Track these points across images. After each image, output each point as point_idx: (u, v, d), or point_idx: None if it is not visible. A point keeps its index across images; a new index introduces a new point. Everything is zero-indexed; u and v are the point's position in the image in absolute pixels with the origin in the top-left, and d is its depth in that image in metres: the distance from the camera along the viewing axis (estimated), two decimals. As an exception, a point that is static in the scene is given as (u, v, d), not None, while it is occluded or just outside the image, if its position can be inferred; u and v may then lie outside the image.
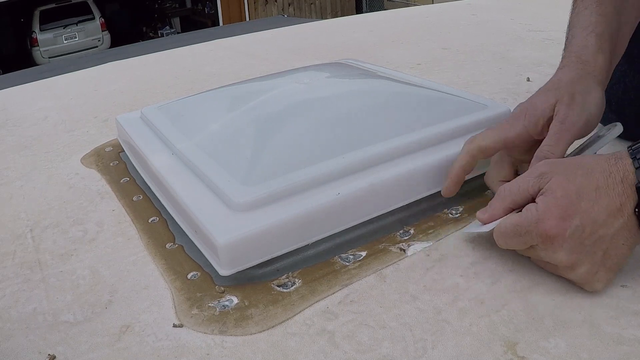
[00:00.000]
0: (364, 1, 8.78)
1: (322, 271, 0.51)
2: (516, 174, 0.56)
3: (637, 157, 0.43)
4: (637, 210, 0.42)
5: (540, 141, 0.52)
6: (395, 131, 0.60)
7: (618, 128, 0.54)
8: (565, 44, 0.58)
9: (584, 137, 0.54)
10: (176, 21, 9.76)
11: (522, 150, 0.55)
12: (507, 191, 0.49)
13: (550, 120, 0.52)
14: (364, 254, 0.53)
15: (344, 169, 0.55)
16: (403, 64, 1.13)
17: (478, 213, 0.51)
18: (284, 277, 0.50)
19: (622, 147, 0.45)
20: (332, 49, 1.32)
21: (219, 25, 7.83)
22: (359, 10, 8.72)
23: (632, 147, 0.44)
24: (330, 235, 0.54)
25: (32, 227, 0.63)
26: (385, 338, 0.43)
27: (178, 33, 8.27)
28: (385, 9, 2.10)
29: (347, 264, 0.52)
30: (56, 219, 0.64)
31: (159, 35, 9.07)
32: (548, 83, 0.56)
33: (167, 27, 9.50)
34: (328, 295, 0.48)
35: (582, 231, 0.43)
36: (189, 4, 9.89)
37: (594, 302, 0.44)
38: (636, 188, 0.42)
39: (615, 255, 0.44)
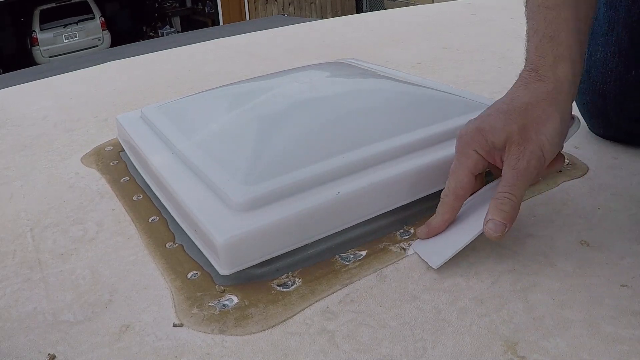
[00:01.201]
0: (364, 1, 8.77)
1: (322, 271, 0.51)
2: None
3: None
4: None
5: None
6: (395, 131, 0.60)
7: (576, 124, 0.52)
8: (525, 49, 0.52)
9: (541, 175, 0.52)
10: (176, 21, 9.75)
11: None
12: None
13: (503, 152, 0.49)
14: (364, 253, 0.53)
15: (344, 168, 0.55)
16: (403, 63, 1.13)
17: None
18: (284, 276, 0.50)
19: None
20: (332, 48, 1.32)
21: (219, 24, 7.82)
22: (359, 10, 8.71)
23: None
24: (330, 235, 0.54)
25: (32, 227, 0.63)
26: (385, 338, 0.43)
27: (178, 33, 8.27)
28: (385, 9, 2.10)
29: (347, 263, 0.52)
30: (56, 218, 0.64)
31: (159, 34, 9.07)
32: (503, 100, 0.51)
33: (167, 27, 9.49)
34: (328, 295, 0.48)
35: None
36: (189, 4, 9.88)
37: (594, 302, 0.44)
38: None
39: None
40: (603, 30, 0.65)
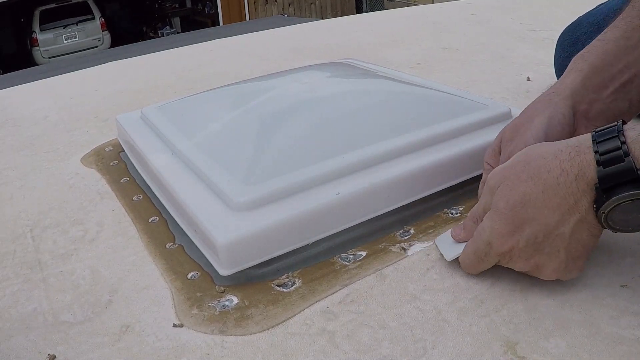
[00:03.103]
0: (364, 1, 8.78)
1: (322, 271, 0.51)
2: None
3: (601, 150, 0.39)
4: (595, 207, 0.40)
5: None
6: (395, 131, 0.60)
7: None
8: None
9: None
10: (176, 21, 9.76)
11: None
12: (475, 212, 0.48)
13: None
14: (364, 253, 0.53)
15: (344, 168, 0.55)
16: (403, 64, 1.13)
17: (454, 230, 0.51)
18: (284, 277, 0.50)
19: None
20: (332, 49, 1.32)
21: (219, 25, 7.82)
22: (359, 10, 8.72)
23: (597, 133, 0.40)
24: (330, 235, 0.54)
25: (32, 227, 0.63)
26: (385, 338, 0.43)
27: (178, 33, 8.26)
28: (385, 9, 2.10)
29: (347, 263, 0.52)
30: (56, 219, 0.64)
31: (159, 35, 9.07)
32: None
33: (167, 27, 9.49)
34: (328, 295, 0.48)
35: (535, 238, 0.42)
36: (189, 4, 9.88)
37: (594, 302, 0.44)
38: (595, 187, 0.39)
39: (579, 247, 0.43)
40: None
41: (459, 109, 0.65)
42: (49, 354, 0.44)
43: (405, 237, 0.55)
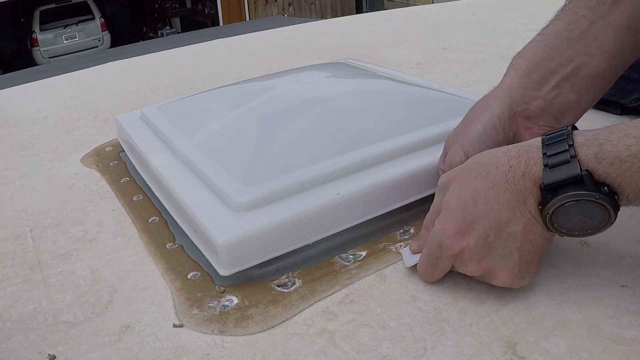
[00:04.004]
0: (364, 1, 8.78)
1: (322, 271, 0.51)
2: None
3: (549, 152, 0.39)
4: (540, 207, 0.40)
5: None
6: (396, 131, 0.60)
7: None
8: None
9: None
10: (176, 21, 9.76)
11: None
12: (428, 217, 0.48)
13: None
14: (364, 253, 0.53)
15: (344, 168, 0.55)
16: (403, 64, 1.13)
17: (411, 243, 0.50)
18: (284, 277, 0.50)
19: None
20: (332, 49, 1.32)
21: (219, 25, 7.82)
22: (359, 10, 8.72)
23: (546, 136, 0.41)
24: (330, 235, 0.54)
25: (32, 227, 0.63)
26: (385, 338, 0.43)
27: (178, 33, 8.26)
28: (385, 9, 2.10)
29: (347, 263, 0.52)
30: (56, 219, 0.64)
31: (159, 35, 9.07)
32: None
33: (167, 27, 9.49)
34: (328, 295, 0.48)
35: (486, 236, 0.42)
36: (189, 4, 9.88)
37: (594, 302, 0.44)
38: (540, 187, 0.39)
39: (532, 249, 0.42)
40: None
41: (459, 109, 0.65)
42: (49, 354, 0.44)
43: (406, 237, 0.55)
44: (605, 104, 0.75)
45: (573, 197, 0.38)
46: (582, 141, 0.39)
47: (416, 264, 0.48)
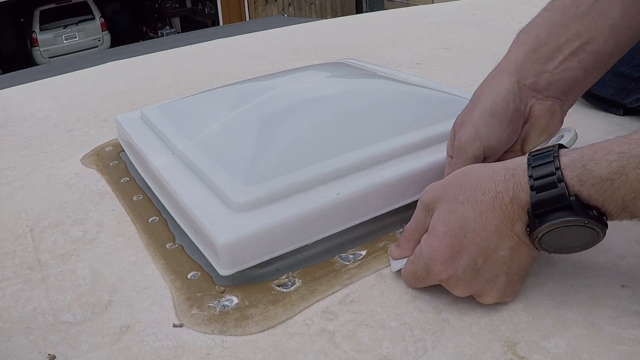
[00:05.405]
0: (364, 1, 8.78)
1: (322, 271, 0.51)
2: None
3: (535, 175, 0.39)
4: (528, 230, 0.40)
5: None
6: (395, 131, 0.60)
7: (571, 136, 0.51)
8: None
9: (484, 154, 0.50)
10: (176, 21, 9.76)
11: None
12: (409, 228, 0.48)
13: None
14: (363, 253, 0.53)
15: (344, 168, 0.55)
16: (403, 64, 1.13)
17: (390, 247, 0.50)
18: (284, 277, 0.50)
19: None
20: (332, 49, 1.32)
21: (219, 25, 7.82)
22: (359, 10, 8.72)
23: (532, 157, 0.40)
24: (330, 235, 0.54)
25: (32, 227, 0.63)
26: (385, 338, 0.43)
27: (178, 33, 8.26)
28: (385, 9, 2.10)
29: (347, 263, 0.52)
30: (56, 219, 0.64)
31: (159, 35, 9.07)
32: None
33: (167, 27, 9.49)
34: (328, 295, 0.48)
35: (474, 263, 0.42)
36: (189, 4, 9.88)
37: (594, 302, 0.44)
38: (527, 212, 0.39)
39: (518, 270, 0.43)
40: None
41: (459, 109, 0.65)
42: (49, 354, 0.44)
43: (405, 237, 0.54)
44: (607, 104, 0.75)
45: (562, 224, 0.38)
46: (567, 162, 0.38)
47: (400, 269, 0.49)
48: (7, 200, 0.70)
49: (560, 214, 0.38)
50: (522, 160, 0.41)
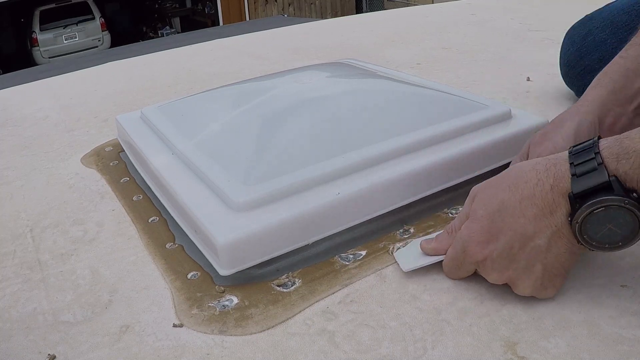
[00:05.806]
0: (364, 1, 8.77)
1: (322, 271, 0.51)
2: None
3: (576, 162, 0.40)
4: (570, 219, 0.40)
5: None
6: (395, 131, 0.60)
7: None
8: None
9: None
10: (176, 21, 9.75)
11: None
12: (453, 224, 0.48)
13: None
14: (364, 253, 0.53)
15: (344, 168, 0.55)
16: (403, 64, 1.13)
17: (422, 242, 0.50)
18: (284, 277, 0.50)
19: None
20: (332, 49, 1.32)
21: (219, 25, 7.82)
22: (359, 10, 8.71)
23: (574, 147, 0.42)
24: (330, 235, 0.54)
25: (32, 227, 0.63)
26: (385, 338, 0.43)
27: (178, 33, 8.26)
28: (385, 9, 2.10)
29: (347, 263, 0.52)
30: (56, 219, 0.64)
31: (159, 35, 9.07)
32: None
33: (167, 27, 9.48)
34: (328, 295, 0.48)
35: (510, 248, 0.42)
36: (189, 4, 9.88)
37: (594, 302, 0.44)
38: (569, 197, 0.40)
39: (557, 264, 0.43)
40: None
41: (459, 109, 0.65)
42: (49, 354, 0.44)
43: (406, 236, 0.55)
44: None
45: (601, 203, 0.38)
46: (606, 144, 0.39)
47: (414, 269, 0.49)
48: (7, 200, 0.70)
49: (600, 195, 0.38)
50: (563, 152, 0.42)
